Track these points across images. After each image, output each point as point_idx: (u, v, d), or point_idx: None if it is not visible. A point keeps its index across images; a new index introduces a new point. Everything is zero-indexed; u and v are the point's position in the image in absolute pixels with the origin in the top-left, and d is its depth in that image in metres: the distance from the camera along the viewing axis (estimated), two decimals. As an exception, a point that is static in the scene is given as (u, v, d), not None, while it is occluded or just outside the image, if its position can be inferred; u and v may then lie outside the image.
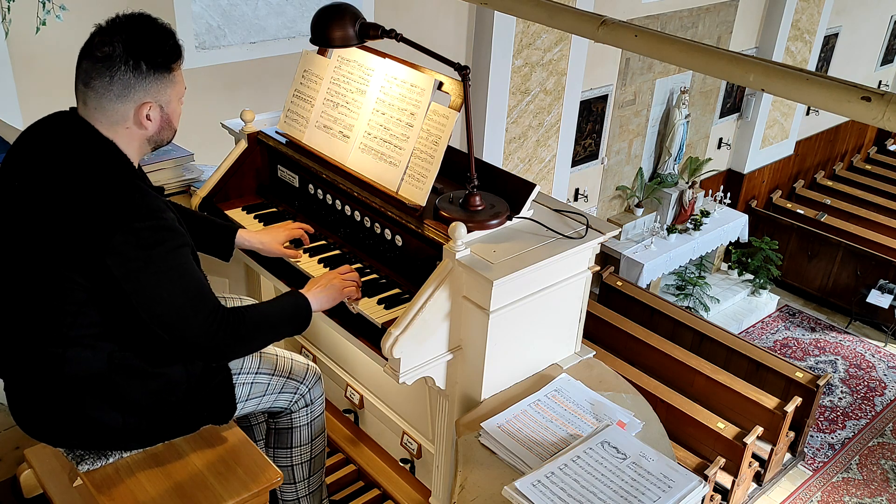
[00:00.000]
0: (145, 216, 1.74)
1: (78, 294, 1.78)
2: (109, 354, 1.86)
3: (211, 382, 2.06)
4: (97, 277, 1.75)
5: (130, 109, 1.81)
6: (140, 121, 1.83)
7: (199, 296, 1.86)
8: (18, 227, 1.82)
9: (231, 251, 2.42)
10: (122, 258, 1.72)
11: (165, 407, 1.98)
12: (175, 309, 1.81)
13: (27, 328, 1.85)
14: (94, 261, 1.72)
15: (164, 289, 1.78)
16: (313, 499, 2.51)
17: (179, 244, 1.81)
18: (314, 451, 2.44)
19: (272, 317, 2.04)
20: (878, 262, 8.63)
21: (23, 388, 1.93)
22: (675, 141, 8.37)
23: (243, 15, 4.68)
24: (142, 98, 1.81)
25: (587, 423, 2.16)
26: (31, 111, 3.77)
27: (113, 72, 1.76)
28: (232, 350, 1.96)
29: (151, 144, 1.91)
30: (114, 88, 1.78)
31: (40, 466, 2.38)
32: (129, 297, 1.76)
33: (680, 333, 7.06)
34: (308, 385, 2.32)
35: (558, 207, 2.43)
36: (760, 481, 6.21)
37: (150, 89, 1.82)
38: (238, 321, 1.91)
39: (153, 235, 1.75)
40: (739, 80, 1.88)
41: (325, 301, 2.19)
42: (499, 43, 5.91)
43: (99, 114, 1.80)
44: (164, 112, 1.87)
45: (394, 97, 2.47)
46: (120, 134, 1.83)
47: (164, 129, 1.90)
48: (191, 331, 1.84)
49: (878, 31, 10.82)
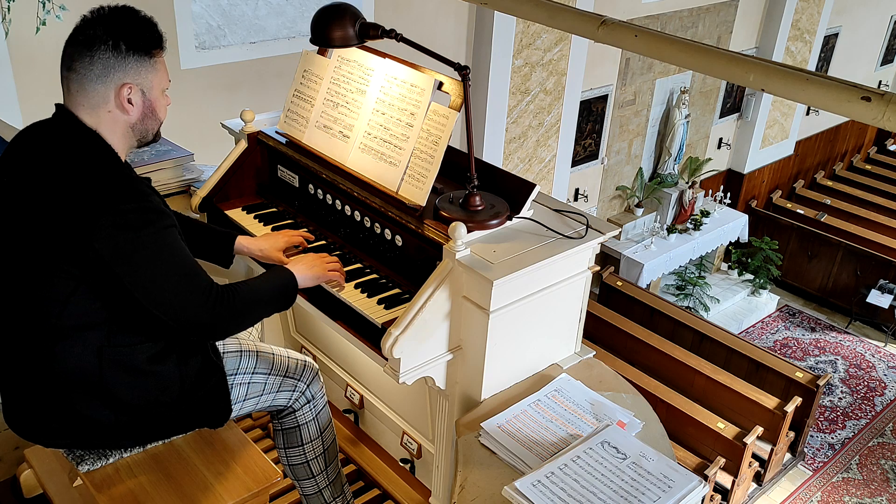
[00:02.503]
0: (131, 198, 1.75)
1: (66, 283, 1.77)
2: (99, 349, 1.85)
3: (206, 384, 2.05)
4: (85, 264, 1.75)
5: (111, 90, 1.82)
6: (121, 103, 1.84)
7: (192, 274, 1.86)
8: (8, 223, 1.83)
9: (231, 258, 2.42)
10: (111, 241, 1.72)
11: (159, 407, 1.97)
12: (170, 288, 1.81)
13: (17, 323, 1.85)
14: (82, 246, 1.72)
15: (156, 269, 1.79)
16: (335, 488, 2.51)
17: (167, 224, 1.82)
18: (325, 443, 2.44)
19: (263, 292, 2.05)
20: (878, 262, 8.63)
21: (15, 387, 1.93)
22: (675, 141, 8.37)
23: (243, 15, 4.68)
24: (122, 78, 1.82)
25: (587, 423, 2.16)
26: (31, 111, 3.77)
27: (94, 51, 1.79)
28: (228, 326, 1.96)
29: (136, 135, 1.91)
30: (94, 68, 1.80)
31: (40, 466, 2.38)
32: (121, 280, 1.76)
33: (680, 333, 7.06)
34: (306, 381, 2.32)
35: (558, 207, 2.43)
36: (760, 481, 6.21)
37: (130, 70, 1.83)
38: (232, 296, 1.92)
39: (140, 217, 1.75)
40: (739, 80, 1.88)
41: (309, 279, 2.21)
42: (499, 43, 5.91)
43: (81, 97, 1.82)
44: (146, 98, 1.88)
45: (394, 97, 2.47)
46: (103, 119, 1.84)
47: (147, 117, 1.90)
48: (187, 309, 1.84)
49: (878, 31, 10.83)
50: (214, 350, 2.11)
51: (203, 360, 2.05)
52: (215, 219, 2.82)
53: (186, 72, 4.50)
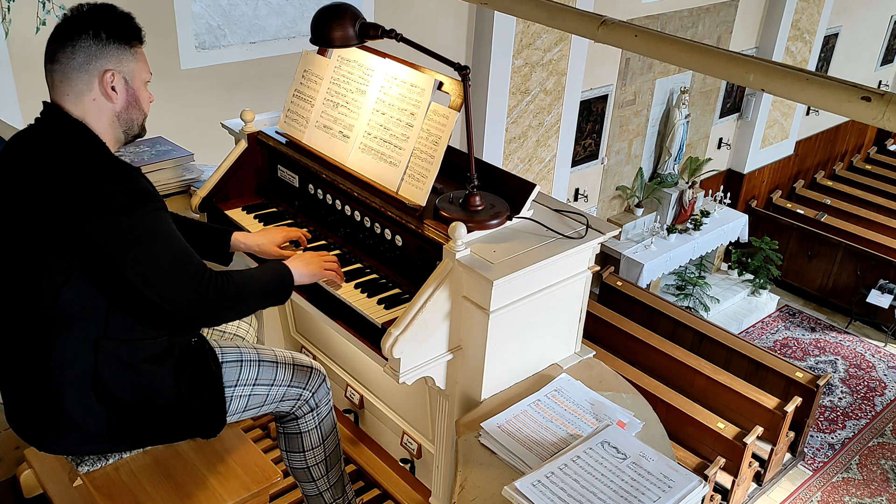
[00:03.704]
0: (119, 180, 1.76)
1: (60, 271, 1.77)
2: (96, 341, 1.84)
3: (201, 394, 2.03)
4: (78, 248, 1.75)
5: (94, 77, 1.84)
6: (105, 90, 1.85)
7: (184, 257, 1.86)
8: (2, 219, 1.84)
9: (229, 255, 2.41)
10: (102, 223, 1.72)
11: (152, 410, 1.96)
12: (162, 270, 1.81)
13: (14, 316, 1.85)
14: (74, 230, 1.73)
15: (149, 250, 1.79)
16: (336, 490, 2.50)
17: (157, 207, 1.83)
18: (328, 450, 2.42)
19: (257, 283, 2.06)
20: (878, 262, 8.63)
21: (14, 385, 1.92)
22: (675, 141, 8.37)
23: (243, 15, 4.68)
24: (104, 65, 1.84)
25: (587, 423, 2.16)
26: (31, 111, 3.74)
27: (75, 41, 1.82)
28: (220, 312, 1.96)
29: (122, 125, 1.92)
30: (76, 57, 1.82)
31: (40, 466, 2.38)
32: (113, 262, 1.75)
33: (680, 333, 7.06)
34: (311, 390, 2.29)
35: (558, 207, 2.43)
36: (760, 481, 6.21)
37: (112, 57, 1.85)
38: (225, 281, 1.92)
39: (129, 198, 1.76)
40: (739, 80, 1.88)
41: (306, 276, 2.21)
42: (499, 43, 5.91)
43: (66, 86, 1.84)
44: (129, 87, 1.90)
45: (394, 97, 2.47)
46: (88, 108, 1.85)
47: (131, 105, 1.91)
48: (180, 292, 1.84)
49: (878, 31, 10.83)
50: (214, 359, 2.09)
51: (201, 369, 2.04)
52: (215, 219, 2.81)
53: (186, 72, 4.50)
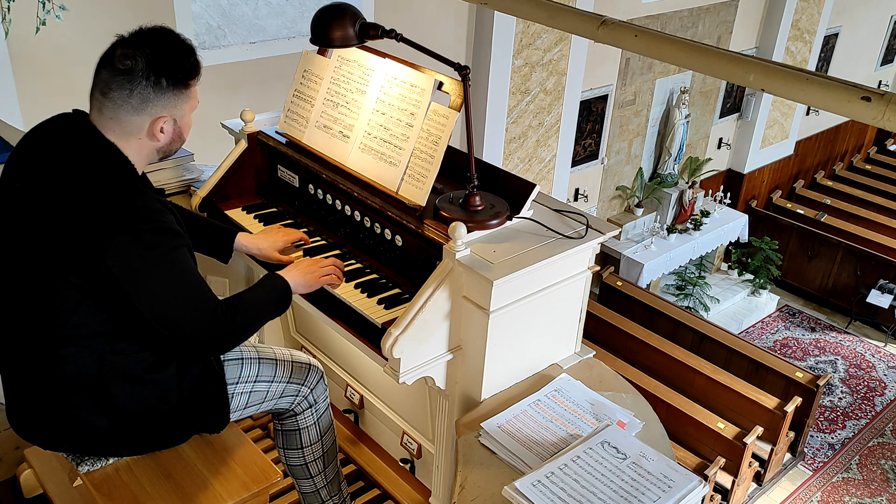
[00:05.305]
0: (146, 219, 1.77)
1: (73, 295, 1.79)
2: (101, 356, 1.86)
3: (205, 393, 2.06)
4: (95, 279, 1.76)
5: (146, 122, 1.85)
6: (154, 133, 1.87)
7: (199, 294, 1.88)
8: (18, 228, 1.83)
9: (230, 253, 2.43)
10: (124, 259, 1.74)
11: (156, 415, 1.98)
12: (178, 307, 1.83)
13: (24, 328, 1.86)
14: (94, 262, 1.73)
15: (166, 288, 1.81)
16: (332, 487, 2.52)
17: (179, 244, 1.84)
18: (325, 446, 2.45)
19: (260, 303, 2.07)
20: (878, 262, 8.63)
21: (19, 388, 1.94)
22: (675, 141, 8.36)
23: (243, 15, 4.68)
24: (158, 112, 1.85)
25: (587, 423, 2.16)
26: (31, 111, 3.77)
27: (133, 85, 1.80)
28: (231, 342, 1.99)
29: (160, 154, 1.96)
30: (132, 101, 1.81)
31: (40, 466, 2.38)
32: (130, 297, 1.77)
33: (680, 333, 7.06)
34: (309, 386, 2.32)
35: (558, 207, 2.43)
36: (760, 481, 6.21)
37: (168, 104, 1.86)
38: (234, 313, 1.94)
39: (154, 237, 1.77)
40: (739, 80, 1.88)
41: (302, 286, 2.23)
42: (499, 43, 5.91)
43: (114, 123, 1.83)
44: (176, 126, 1.92)
45: (394, 97, 2.47)
46: (132, 144, 1.86)
47: (174, 140, 1.94)
48: (193, 328, 1.86)
49: (878, 31, 10.82)
50: (217, 358, 2.11)
51: (203, 369, 2.05)
52: (215, 219, 2.81)
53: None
